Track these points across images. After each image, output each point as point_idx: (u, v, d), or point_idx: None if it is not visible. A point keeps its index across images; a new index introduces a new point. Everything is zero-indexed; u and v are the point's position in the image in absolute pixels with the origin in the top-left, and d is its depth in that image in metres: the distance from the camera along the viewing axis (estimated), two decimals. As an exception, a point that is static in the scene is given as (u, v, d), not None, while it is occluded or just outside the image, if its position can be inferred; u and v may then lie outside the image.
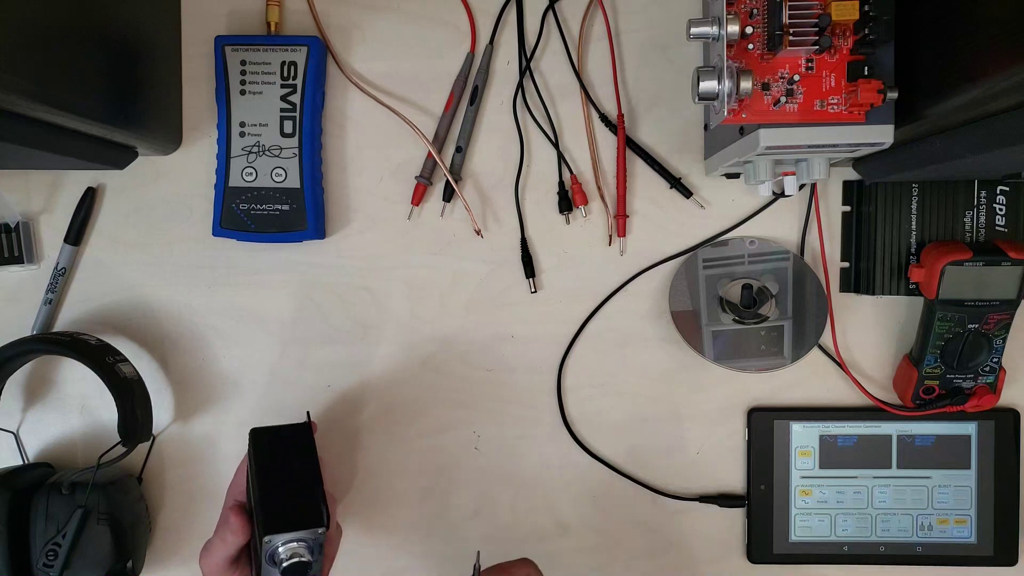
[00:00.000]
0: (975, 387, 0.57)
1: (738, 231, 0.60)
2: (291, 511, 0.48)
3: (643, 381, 0.61)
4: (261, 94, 0.58)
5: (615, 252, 0.61)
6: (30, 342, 0.57)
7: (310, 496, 0.49)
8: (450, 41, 0.60)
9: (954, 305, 0.55)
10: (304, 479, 0.50)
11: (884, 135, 0.46)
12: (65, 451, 0.62)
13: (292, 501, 0.49)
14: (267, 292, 0.62)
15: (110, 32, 0.51)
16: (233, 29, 0.60)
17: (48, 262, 0.61)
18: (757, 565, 0.61)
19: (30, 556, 0.55)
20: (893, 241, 0.58)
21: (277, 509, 0.48)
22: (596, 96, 0.60)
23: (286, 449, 0.51)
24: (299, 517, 0.48)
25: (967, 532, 0.60)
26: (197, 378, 0.62)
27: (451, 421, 0.61)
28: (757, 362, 0.58)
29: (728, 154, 0.53)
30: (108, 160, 0.55)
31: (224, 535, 0.50)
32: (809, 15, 0.44)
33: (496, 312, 0.61)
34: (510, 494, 0.62)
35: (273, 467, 0.50)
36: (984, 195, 0.57)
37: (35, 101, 0.43)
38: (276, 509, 0.48)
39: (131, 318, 0.62)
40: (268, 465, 0.50)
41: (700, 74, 0.45)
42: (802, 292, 0.59)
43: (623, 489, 0.62)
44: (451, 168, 0.60)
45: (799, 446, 0.60)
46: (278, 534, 0.47)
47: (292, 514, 0.48)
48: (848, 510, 0.61)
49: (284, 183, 0.58)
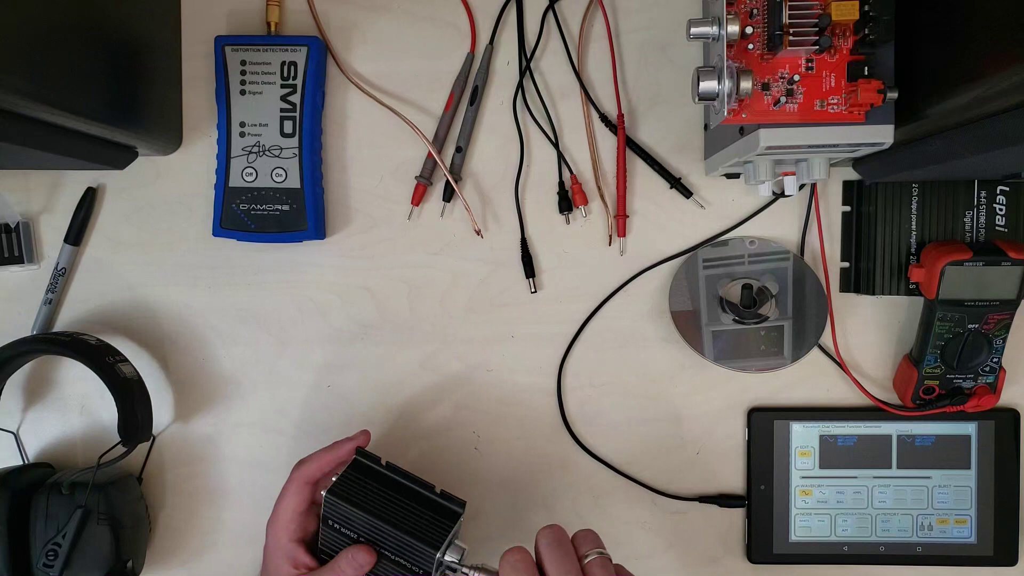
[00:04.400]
0: (975, 387, 0.57)
1: (738, 231, 0.60)
2: (429, 521, 0.49)
3: (643, 381, 0.61)
4: (261, 94, 0.58)
5: (615, 252, 0.61)
6: (30, 342, 0.57)
7: (425, 500, 0.50)
8: (450, 41, 0.60)
9: (954, 305, 0.55)
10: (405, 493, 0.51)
11: (884, 135, 0.46)
12: (65, 451, 0.62)
13: (421, 514, 0.50)
14: (267, 292, 0.62)
15: (110, 32, 0.51)
16: (233, 29, 0.60)
17: (48, 262, 0.61)
18: (757, 565, 0.61)
19: (30, 556, 0.55)
20: (893, 241, 0.58)
21: (420, 530, 0.49)
22: (596, 96, 0.60)
23: (367, 484, 0.51)
24: (440, 520, 0.49)
25: (967, 532, 0.60)
26: (197, 378, 0.62)
27: (451, 421, 0.61)
28: (757, 362, 0.58)
29: (728, 154, 0.53)
30: (108, 160, 0.55)
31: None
32: (809, 15, 0.44)
33: (496, 312, 0.61)
34: (510, 494, 0.62)
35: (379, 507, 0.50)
36: (984, 195, 0.57)
37: (35, 101, 0.43)
38: (420, 530, 0.49)
39: (131, 318, 0.62)
40: (374, 508, 0.50)
41: (700, 74, 0.45)
42: (802, 292, 0.59)
43: (623, 489, 0.62)
44: (451, 168, 0.60)
45: (799, 446, 0.60)
46: (440, 547, 0.48)
47: (434, 523, 0.49)
48: (848, 510, 0.61)
49: (284, 183, 0.58)
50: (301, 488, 0.53)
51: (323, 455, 0.53)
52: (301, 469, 0.53)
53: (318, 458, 0.53)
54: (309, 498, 0.53)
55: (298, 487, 0.52)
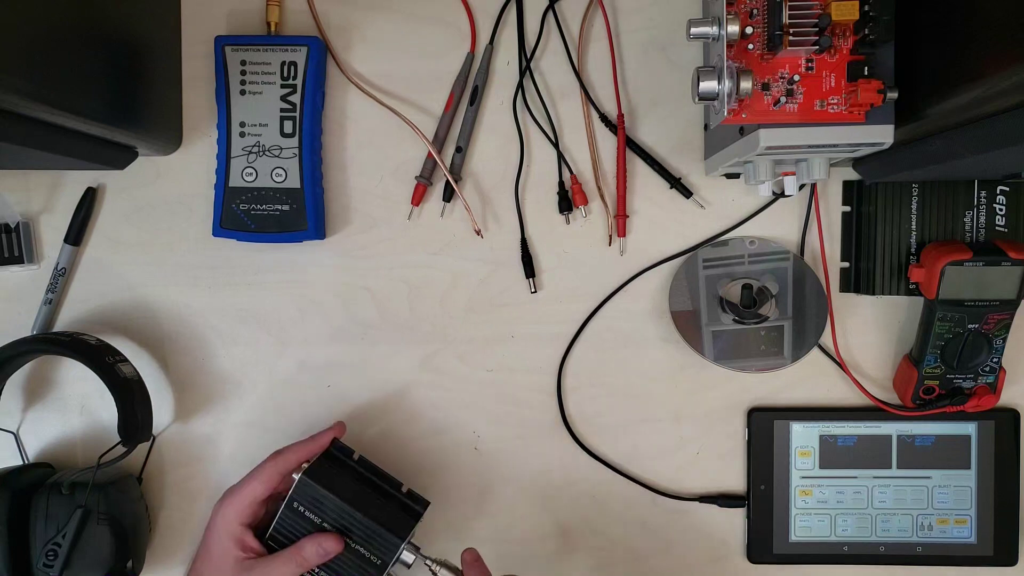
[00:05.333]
0: (975, 387, 0.57)
1: (738, 231, 0.60)
2: (394, 515, 0.53)
3: (643, 381, 0.61)
4: (261, 94, 0.58)
5: (615, 252, 0.61)
6: (30, 342, 0.57)
7: (392, 496, 0.54)
8: (450, 41, 0.60)
9: (954, 305, 0.55)
10: (373, 487, 0.54)
11: (884, 135, 0.46)
12: (65, 451, 0.62)
13: (388, 507, 0.53)
14: (267, 292, 0.62)
15: (110, 32, 0.51)
16: (233, 29, 0.60)
17: (48, 262, 0.61)
18: (757, 565, 0.61)
19: (30, 556, 0.55)
20: (893, 241, 0.58)
21: (388, 520, 0.52)
22: (596, 96, 0.60)
23: (340, 472, 0.54)
24: (405, 516, 0.53)
25: (967, 532, 0.60)
26: (197, 378, 0.62)
27: (451, 421, 0.61)
28: (757, 362, 0.58)
29: (728, 154, 0.53)
30: (108, 160, 0.55)
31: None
32: (809, 15, 0.44)
33: (496, 312, 0.61)
34: (510, 494, 0.62)
35: (350, 494, 0.53)
36: (984, 195, 0.57)
37: (35, 101, 0.43)
38: (387, 521, 0.52)
39: (131, 318, 0.62)
40: (345, 495, 0.52)
41: (700, 74, 0.45)
42: (802, 292, 0.59)
43: (623, 489, 0.62)
44: (451, 168, 0.60)
45: (799, 446, 0.60)
46: (405, 539, 0.52)
47: (399, 517, 0.53)
48: (848, 510, 0.61)
49: (284, 183, 0.58)
50: (272, 476, 0.53)
51: (302, 447, 0.55)
52: (278, 459, 0.54)
53: (296, 449, 0.54)
54: (275, 487, 0.53)
55: (270, 475, 0.53)
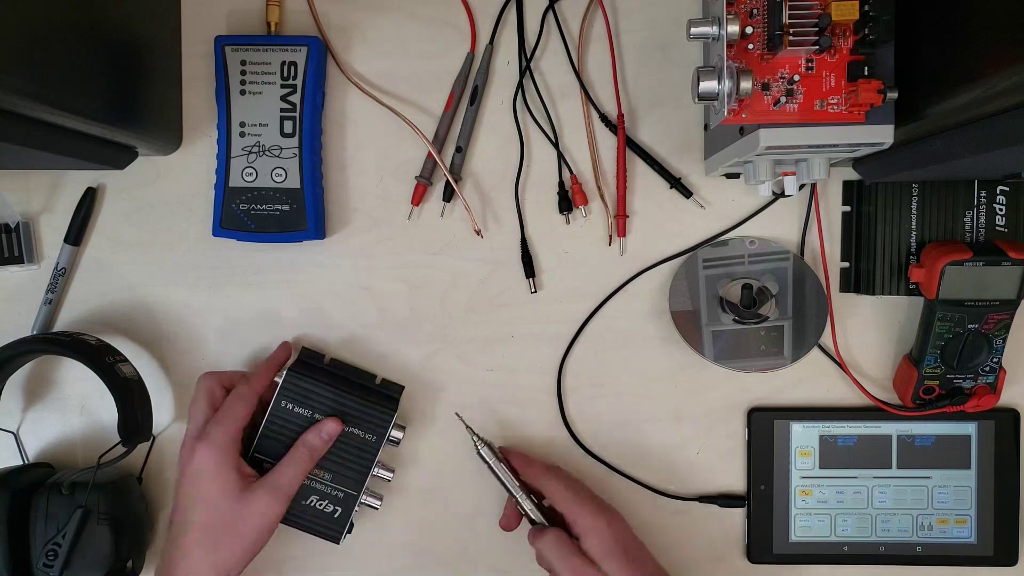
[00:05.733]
0: (975, 387, 0.57)
1: (738, 231, 0.60)
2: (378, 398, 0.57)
3: (643, 381, 0.61)
4: (261, 94, 0.58)
5: (615, 252, 0.61)
6: (30, 342, 0.57)
7: (370, 385, 0.59)
8: (450, 41, 0.60)
9: (954, 305, 0.55)
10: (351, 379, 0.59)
11: (884, 135, 0.46)
12: (65, 451, 0.62)
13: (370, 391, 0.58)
14: (267, 292, 0.62)
15: (110, 32, 0.51)
16: (233, 29, 0.60)
17: (48, 262, 0.61)
18: (757, 565, 0.61)
19: (30, 556, 0.55)
20: (893, 241, 0.58)
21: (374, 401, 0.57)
22: (596, 96, 0.60)
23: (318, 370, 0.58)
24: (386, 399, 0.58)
25: (967, 532, 0.60)
26: (197, 378, 0.62)
27: (451, 421, 0.61)
28: (757, 362, 0.58)
29: (728, 154, 0.53)
30: (108, 160, 0.55)
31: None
32: (809, 15, 0.44)
33: (496, 312, 0.61)
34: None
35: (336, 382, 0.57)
36: (984, 195, 0.57)
37: (35, 101, 0.43)
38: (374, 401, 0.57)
39: (131, 318, 0.62)
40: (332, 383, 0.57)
41: (700, 74, 0.45)
42: (802, 292, 0.59)
43: (623, 489, 0.62)
44: (451, 168, 0.60)
45: (799, 446, 0.60)
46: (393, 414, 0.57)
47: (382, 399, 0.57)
48: (848, 510, 0.61)
49: (284, 183, 0.58)
50: (252, 402, 0.55)
51: (263, 366, 0.57)
52: (252, 382, 0.55)
53: (259, 371, 0.57)
54: (254, 408, 0.55)
55: (248, 402, 0.54)
